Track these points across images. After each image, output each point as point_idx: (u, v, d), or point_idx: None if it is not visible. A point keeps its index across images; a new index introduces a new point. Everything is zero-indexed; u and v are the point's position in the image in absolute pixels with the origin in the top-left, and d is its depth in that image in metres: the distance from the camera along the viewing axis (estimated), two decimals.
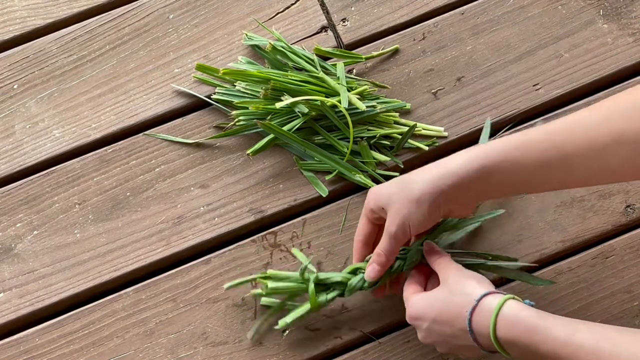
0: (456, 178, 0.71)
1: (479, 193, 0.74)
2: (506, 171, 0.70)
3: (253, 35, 0.97)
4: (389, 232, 0.76)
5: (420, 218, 0.73)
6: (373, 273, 0.79)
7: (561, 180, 0.70)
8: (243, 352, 0.88)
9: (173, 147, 0.94)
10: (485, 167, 0.70)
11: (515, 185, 0.72)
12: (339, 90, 0.91)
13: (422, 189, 0.72)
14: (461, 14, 0.99)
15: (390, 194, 0.75)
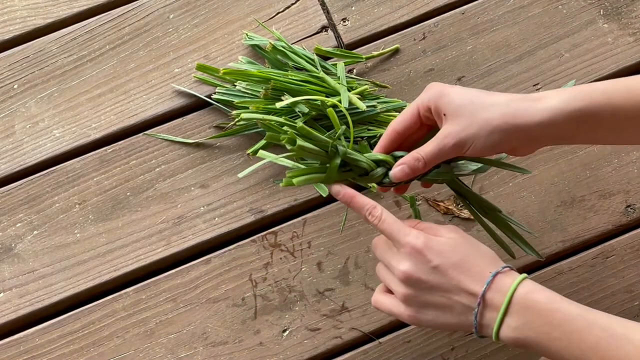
0: (548, 116, 0.65)
1: (562, 136, 0.67)
2: (606, 117, 0.65)
3: (253, 35, 0.97)
4: (443, 142, 0.68)
5: (487, 145, 0.67)
6: (402, 175, 0.71)
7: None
8: (243, 352, 0.88)
9: (173, 147, 0.94)
10: (587, 109, 0.65)
11: (607, 132, 0.67)
12: (339, 90, 0.91)
13: (504, 117, 0.66)
14: (461, 13, 0.99)
15: (463, 105, 0.68)
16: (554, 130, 0.66)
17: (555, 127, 0.66)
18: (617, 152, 0.93)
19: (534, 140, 0.68)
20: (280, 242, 0.91)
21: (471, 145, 0.67)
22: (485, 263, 0.66)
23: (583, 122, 0.66)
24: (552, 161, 0.93)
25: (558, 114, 0.65)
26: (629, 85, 0.66)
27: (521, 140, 0.68)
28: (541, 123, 0.66)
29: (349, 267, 0.90)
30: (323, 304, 0.89)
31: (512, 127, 0.66)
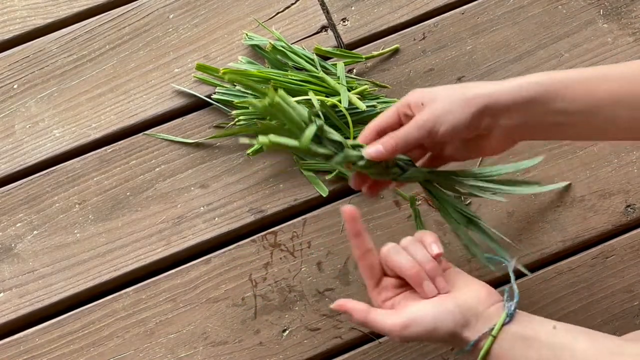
0: (518, 92, 0.67)
1: (533, 121, 0.68)
2: (575, 98, 0.66)
3: (253, 35, 0.97)
4: (416, 120, 0.70)
5: (460, 119, 0.68)
6: (375, 153, 0.71)
7: (628, 122, 0.66)
8: (243, 352, 0.88)
9: (173, 147, 0.94)
10: (556, 87, 0.66)
11: (577, 118, 0.67)
12: (339, 90, 0.91)
13: (477, 92, 0.68)
14: (461, 13, 0.99)
15: (437, 91, 0.70)
16: (528, 110, 0.67)
17: (526, 106, 0.67)
18: (617, 152, 0.93)
19: (508, 122, 0.68)
20: (280, 242, 0.91)
21: (444, 120, 0.68)
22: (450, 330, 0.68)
23: (551, 103, 0.67)
24: (552, 161, 0.93)
25: (523, 83, 0.67)
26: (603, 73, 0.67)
27: (496, 120, 0.68)
28: (513, 100, 0.67)
29: (349, 267, 0.90)
30: (323, 304, 0.89)
31: (483, 98, 0.68)
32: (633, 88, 0.65)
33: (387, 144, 0.71)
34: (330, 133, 0.73)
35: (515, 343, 0.65)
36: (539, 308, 0.88)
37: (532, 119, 0.68)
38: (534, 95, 0.67)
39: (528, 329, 0.66)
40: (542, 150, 0.93)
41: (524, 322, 0.66)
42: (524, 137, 0.70)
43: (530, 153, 0.92)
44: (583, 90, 0.66)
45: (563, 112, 0.67)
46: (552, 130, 0.69)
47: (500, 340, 0.66)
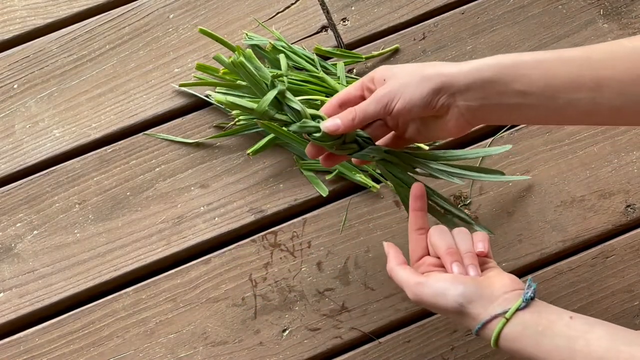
0: (476, 73, 0.67)
1: (490, 103, 0.68)
2: (534, 79, 0.66)
3: (253, 35, 0.97)
4: (375, 94, 0.71)
5: (416, 95, 0.68)
6: (332, 127, 0.72)
7: (588, 105, 0.65)
8: (243, 352, 0.88)
9: (173, 147, 0.94)
10: (514, 68, 0.66)
11: (535, 99, 0.67)
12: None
13: (435, 70, 0.69)
14: (461, 13, 0.99)
15: (400, 68, 0.71)
16: (485, 90, 0.67)
17: (484, 86, 0.67)
18: (617, 151, 0.93)
19: (464, 101, 0.68)
20: (280, 242, 0.91)
21: (401, 94, 0.69)
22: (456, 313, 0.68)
23: (509, 83, 0.66)
24: (552, 161, 0.93)
25: (482, 64, 0.67)
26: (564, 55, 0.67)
27: (452, 100, 0.69)
28: (471, 80, 0.67)
29: (349, 267, 0.90)
30: (323, 304, 0.89)
31: (441, 76, 0.68)
32: (591, 71, 0.65)
33: (345, 118, 0.72)
34: (291, 100, 0.73)
35: (528, 329, 0.65)
36: None
37: (489, 100, 0.68)
38: (491, 76, 0.67)
39: (544, 318, 0.65)
40: (542, 149, 0.93)
41: (541, 310, 0.66)
42: (481, 119, 0.70)
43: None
44: (541, 72, 0.66)
45: (521, 94, 0.67)
46: (510, 112, 0.69)
47: (513, 324, 0.65)
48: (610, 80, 0.64)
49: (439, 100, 0.69)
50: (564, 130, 0.94)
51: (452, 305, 0.67)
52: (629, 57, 0.64)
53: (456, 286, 0.67)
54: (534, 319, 0.65)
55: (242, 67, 0.72)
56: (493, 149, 0.86)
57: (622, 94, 0.64)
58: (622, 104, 0.64)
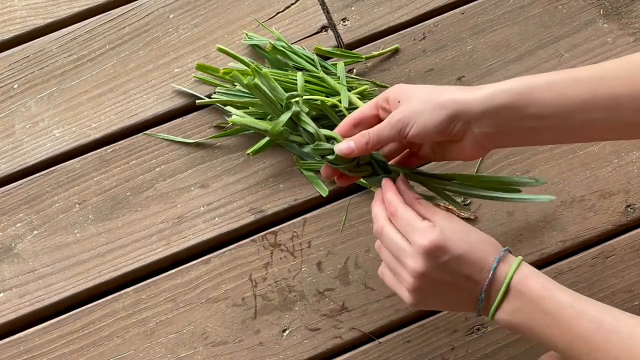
0: (490, 100, 0.67)
1: (505, 128, 0.68)
2: (548, 102, 0.66)
3: (253, 35, 0.97)
4: (389, 118, 0.71)
5: (430, 122, 0.68)
6: (346, 150, 0.72)
7: (604, 124, 0.66)
8: (243, 352, 0.88)
9: (173, 147, 0.94)
10: (529, 91, 0.66)
11: (551, 122, 0.67)
12: (339, 90, 0.91)
13: (450, 98, 0.68)
14: (461, 13, 0.99)
15: (415, 90, 0.71)
16: (500, 116, 0.67)
17: (498, 112, 0.67)
18: (617, 152, 0.93)
19: (479, 127, 0.68)
20: (280, 242, 0.91)
21: (416, 120, 0.69)
22: (486, 250, 0.67)
23: (524, 109, 0.67)
24: (552, 161, 0.93)
25: (495, 90, 0.67)
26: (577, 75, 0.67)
27: (467, 127, 0.68)
28: (485, 107, 0.67)
29: (349, 267, 0.90)
30: (323, 304, 0.89)
31: (456, 104, 0.68)
32: (606, 90, 0.65)
33: (359, 142, 0.72)
34: (305, 122, 0.73)
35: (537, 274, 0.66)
36: None
37: (504, 126, 0.68)
38: (505, 102, 0.67)
39: None
40: (542, 149, 0.93)
41: None
42: (497, 143, 0.71)
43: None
44: (555, 94, 0.66)
45: (537, 117, 0.67)
46: (525, 136, 0.69)
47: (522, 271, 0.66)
48: (625, 98, 0.64)
49: (454, 128, 0.69)
50: None
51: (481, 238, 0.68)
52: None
53: None
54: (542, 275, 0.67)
55: (257, 89, 0.72)
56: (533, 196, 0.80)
57: (637, 111, 0.64)
58: (638, 120, 0.65)
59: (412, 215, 0.69)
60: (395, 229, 0.70)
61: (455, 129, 0.69)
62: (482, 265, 0.66)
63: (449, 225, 0.68)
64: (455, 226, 0.68)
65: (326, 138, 0.74)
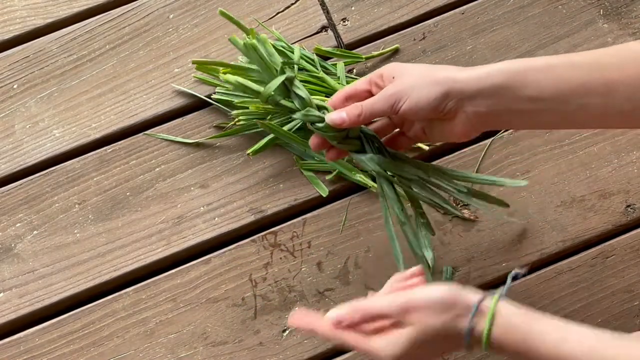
0: (485, 79, 0.67)
1: (499, 109, 0.68)
2: (544, 84, 0.66)
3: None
4: (383, 92, 0.71)
5: (423, 97, 0.68)
6: (337, 119, 0.72)
7: (598, 110, 0.65)
8: (243, 352, 0.88)
9: (173, 147, 0.94)
10: (525, 72, 0.66)
11: (546, 105, 0.66)
12: None
13: (445, 75, 0.68)
14: (461, 13, 0.99)
15: (410, 67, 0.72)
16: (495, 96, 0.67)
17: (494, 92, 0.67)
18: (617, 151, 0.93)
19: (473, 107, 0.68)
20: (280, 242, 0.91)
21: (409, 95, 0.69)
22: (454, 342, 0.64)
23: (520, 89, 0.66)
24: (552, 161, 0.93)
25: (492, 70, 0.67)
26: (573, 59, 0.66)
27: (457, 99, 0.68)
28: (481, 86, 0.67)
29: (349, 267, 0.90)
30: (323, 304, 0.89)
31: (451, 81, 0.68)
32: (604, 75, 0.64)
33: (351, 112, 0.72)
34: (298, 87, 0.73)
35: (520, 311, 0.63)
36: (539, 308, 0.88)
37: (499, 106, 0.68)
38: (501, 82, 0.67)
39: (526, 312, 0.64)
40: (542, 149, 0.93)
41: None
42: (489, 124, 0.70)
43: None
44: (552, 77, 0.66)
45: (532, 99, 0.66)
46: (519, 117, 0.68)
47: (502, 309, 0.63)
48: (619, 84, 0.64)
49: (447, 105, 0.69)
50: (563, 130, 0.93)
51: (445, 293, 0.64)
52: (635, 62, 0.64)
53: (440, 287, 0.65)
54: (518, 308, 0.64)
55: (255, 50, 0.72)
56: (508, 180, 0.83)
57: (630, 99, 0.64)
58: (631, 108, 0.65)
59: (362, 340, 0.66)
60: None
61: (447, 107, 0.69)
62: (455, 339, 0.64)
63: (408, 332, 0.64)
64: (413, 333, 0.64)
65: (317, 108, 0.74)
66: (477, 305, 0.63)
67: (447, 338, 0.64)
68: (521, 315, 0.63)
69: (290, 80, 0.73)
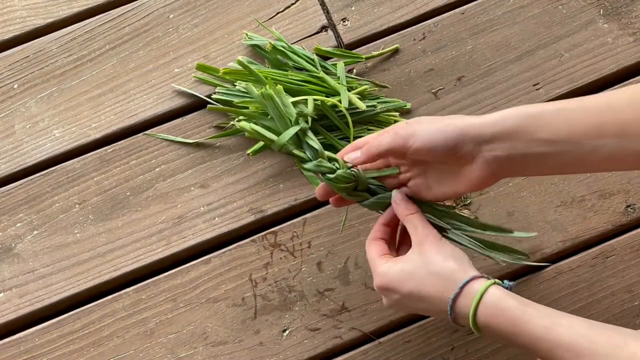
0: (501, 122, 0.67)
1: (516, 152, 0.67)
2: (558, 127, 0.66)
3: (253, 35, 0.97)
4: (394, 127, 0.72)
5: (438, 137, 0.68)
6: (353, 156, 0.74)
7: (613, 152, 0.65)
8: (243, 352, 0.88)
9: (173, 147, 0.94)
10: (538, 115, 0.67)
11: (560, 147, 0.66)
12: (339, 90, 0.91)
13: (461, 119, 0.69)
14: (461, 13, 0.99)
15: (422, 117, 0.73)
16: (510, 139, 0.67)
17: (508, 135, 0.67)
18: None
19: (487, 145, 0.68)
20: (280, 242, 0.91)
21: (420, 134, 0.69)
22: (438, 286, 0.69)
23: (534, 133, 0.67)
24: None
25: (506, 114, 0.68)
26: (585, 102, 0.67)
27: (475, 143, 0.68)
28: (493, 121, 0.68)
29: (349, 267, 0.90)
30: (323, 304, 0.89)
31: (467, 124, 0.68)
32: (617, 117, 0.65)
33: (364, 150, 0.74)
34: (310, 139, 0.75)
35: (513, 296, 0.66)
36: None
37: (515, 149, 0.68)
38: (516, 125, 0.67)
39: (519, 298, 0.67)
40: None
41: None
42: (507, 171, 0.70)
43: None
44: (564, 120, 0.66)
45: (546, 142, 0.67)
46: (536, 162, 0.68)
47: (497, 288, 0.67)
48: (633, 124, 0.64)
49: (464, 147, 0.68)
50: None
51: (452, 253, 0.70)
52: None
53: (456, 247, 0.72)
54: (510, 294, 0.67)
55: (271, 100, 0.75)
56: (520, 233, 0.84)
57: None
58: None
59: (372, 256, 0.74)
60: None
61: (465, 149, 0.68)
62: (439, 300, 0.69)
63: (410, 263, 0.71)
64: (412, 264, 0.70)
65: (328, 159, 0.76)
66: (462, 285, 0.67)
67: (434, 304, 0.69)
68: (511, 299, 0.66)
69: (303, 132, 0.76)
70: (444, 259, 0.69)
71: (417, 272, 0.70)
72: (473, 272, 0.69)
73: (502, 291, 0.67)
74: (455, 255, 0.70)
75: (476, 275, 0.68)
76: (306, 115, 0.76)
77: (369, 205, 0.77)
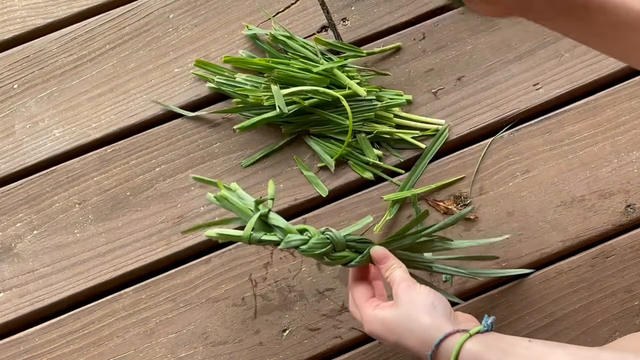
0: None
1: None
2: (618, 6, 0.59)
3: (253, 27, 0.97)
4: None
5: None
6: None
7: None
8: (243, 352, 0.88)
9: (173, 147, 0.94)
10: None
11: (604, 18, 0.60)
12: (343, 80, 0.91)
13: None
14: (461, 13, 0.99)
15: None
16: None
17: None
18: (617, 151, 0.93)
19: None
20: None
21: None
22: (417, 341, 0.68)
23: None
24: (552, 161, 0.93)
25: None
26: None
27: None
28: None
29: None
30: (323, 304, 0.89)
31: None
32: None
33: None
34: (274, 219, 0.76)
35: (490, 347, 0.64)
36: (539, 308, 0.88)
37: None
38: None
39: (504, 341, 0.65)
40: (542, 149, 0.93)
41: (499, 336, 0.66)
42: (529, 13, 0.63)
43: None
44: None
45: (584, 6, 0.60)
46: (567, 16, 0.62)
47: (475, 341, 0.65)
48: None
49: None
50: (563, 130, 0.94)
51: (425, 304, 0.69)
52: None
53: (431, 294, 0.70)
54: (495, 341, 0.65)
55: (227, 200, 0.76)
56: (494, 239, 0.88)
57: None
58: None
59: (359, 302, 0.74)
60: None
61: None
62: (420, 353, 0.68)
63: (390, 316, 0.70)
64: (391, 317, 0.70)
65: (300, 231, 0.76)
66: (437, 344, 0.66)
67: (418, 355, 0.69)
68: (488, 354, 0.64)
69: (265, 216, 0.76)
70: (418, 313, 0.68)
71: (395, 327, 0.69)
72: (448, 327, 0.67)
73: (480, 343, 0.65)
74: (429, 307, 0.69)
75: (450, 331, 0.66)
76: (265, 199, 0.77)
77: (356, 266, 0.77)
